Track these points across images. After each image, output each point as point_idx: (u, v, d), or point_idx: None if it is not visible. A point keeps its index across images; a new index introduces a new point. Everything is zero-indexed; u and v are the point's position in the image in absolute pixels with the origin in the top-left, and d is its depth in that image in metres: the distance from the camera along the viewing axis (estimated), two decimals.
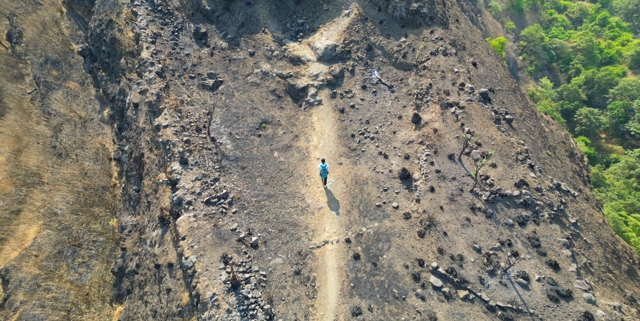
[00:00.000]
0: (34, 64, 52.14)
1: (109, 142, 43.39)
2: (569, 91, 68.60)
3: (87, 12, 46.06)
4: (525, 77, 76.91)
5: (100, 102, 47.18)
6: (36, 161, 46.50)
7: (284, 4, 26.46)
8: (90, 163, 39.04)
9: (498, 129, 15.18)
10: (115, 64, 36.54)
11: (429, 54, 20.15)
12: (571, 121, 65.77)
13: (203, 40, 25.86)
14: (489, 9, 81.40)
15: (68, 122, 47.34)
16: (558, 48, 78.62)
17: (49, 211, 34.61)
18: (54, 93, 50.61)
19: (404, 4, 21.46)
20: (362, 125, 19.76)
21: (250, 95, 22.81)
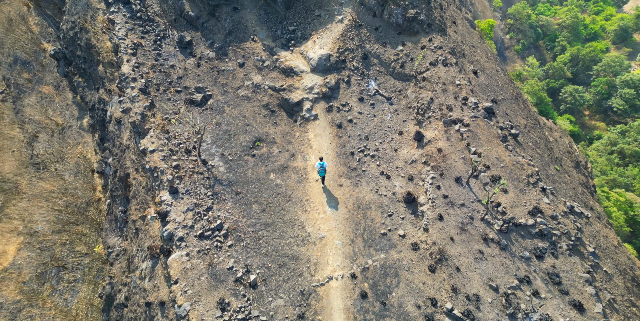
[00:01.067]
0: (2, 64, 49.37)
1: (91, 152, 41.60)
2: (555, 69, 69.48)
3: (57, 10, 43.52)
4: (512, 57, 77.17)
5: (78, 108, 45.18)
6: (12, 168, 44.38)
7: (273, 9, 25.19)
8: (71, 177, 37.32)
9: (506, 149, 14.61)
10: (92, 70, 34.65)
11: (428, 64, 19.36)
12: (557, 99, 66.89)
13: (188, 50, 24.48)
14: None
15: (44, 130, 45.19)
16: (544, 25, 79.01)
17: (29, 229, 32.97)
18: (27, 98, 48.16)
19: (400, 11, 20.52)
20: (362, 141, 18.96)
21: (242, 110, 21.69)
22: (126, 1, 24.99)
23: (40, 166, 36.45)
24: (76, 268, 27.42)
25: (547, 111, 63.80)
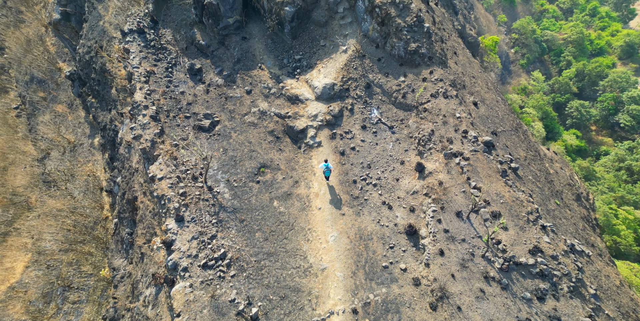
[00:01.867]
0: (19, 81, 50.69)
1: (100, 170, 42.08)
2: (560, 83, 68.70)
3: (74, 33, 45.05)
4: (517, 71, 76.41)
5: (90, 126, 46.02)
6: (24, 182, 44.90)
7: (280, 39, 25.96)
8: (80, 195, 37.69)
9: (505, 184, 14.65)
10: (106, 92, 35.58)
11: (429, 96, 19.69)
12: (562, 114, 66.13)
13: (198, 77, 25.15)
14: (481, 1, 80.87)
15: (56, 147, 45.95)
16: (549, 40, 78.41)
17: (37, 246, 33.12)
18: (41, 115, 49.24)
19: (402, 44, 21.06)
20: (364, 170, 19.10)
21: (248, 136, 22.06)
22: (141, 31, 25.93)
23: (52, 184, 36.94)
24: (81, 289, 27.30)
25: (552, 125, 62.97)
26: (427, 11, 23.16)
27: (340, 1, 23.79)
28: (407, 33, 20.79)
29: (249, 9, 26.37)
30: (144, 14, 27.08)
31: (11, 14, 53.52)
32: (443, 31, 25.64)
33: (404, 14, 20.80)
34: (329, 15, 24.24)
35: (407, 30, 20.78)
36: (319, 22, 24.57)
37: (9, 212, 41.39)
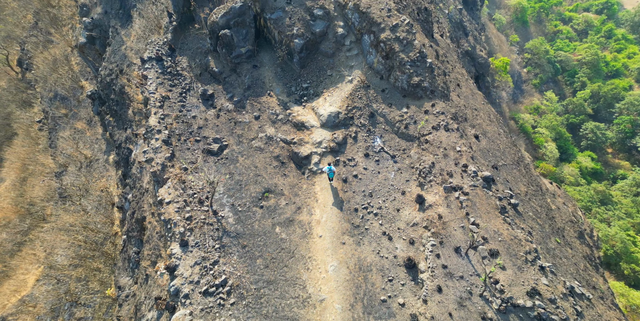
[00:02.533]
0: (43, 97, 52.66)
1: (113, 186, 42.84)
2: (575, 104, 66.53)
3: (97, 55, 47.08)
4: (529, 90, 74.49)
5: (106, 143, 47.23)
6: (41, 194, 45.88)
7: (289, 67, 26.83)
8: (92, 210, 38.31)
9: (504, 221, 14.56)
10: (123, 112, 36.79)
11: (430, 128, 19.94)
12: (577, 135, 63.91)
13: (210, 102, 25.98)
14: (493, 21, 79.01)
15: (74, 163, 47.10)
16: (563, 61, 76.16)
17: (49, 260, 33.50)
18: (62, 131, 50.79)
19: (405, 77, 21.58)
20: (365, 198, 19.18)
21: (254, 160, 22.47)
22: (159, 59, 27.12)
23: (67, 199, 37.75)
24: (88, 305, 27.33)
25: (566, 146, 60.98)
26: (430, 46, 23.81)
27: (347, 35, 24.67)
28: (410, 67, 21.35)
29: (261, 38, 27.47)
30: (162, 42, 28.39)
31: (41, 34, 56.28)
32: (447, 64, 26.21)
33: (408, 49, 21.44)
34: (336, 47, 25.09)
35: (410, 65, 21.35)
36: (326, 53, 25.41)
37: (25, 222, 42.25)
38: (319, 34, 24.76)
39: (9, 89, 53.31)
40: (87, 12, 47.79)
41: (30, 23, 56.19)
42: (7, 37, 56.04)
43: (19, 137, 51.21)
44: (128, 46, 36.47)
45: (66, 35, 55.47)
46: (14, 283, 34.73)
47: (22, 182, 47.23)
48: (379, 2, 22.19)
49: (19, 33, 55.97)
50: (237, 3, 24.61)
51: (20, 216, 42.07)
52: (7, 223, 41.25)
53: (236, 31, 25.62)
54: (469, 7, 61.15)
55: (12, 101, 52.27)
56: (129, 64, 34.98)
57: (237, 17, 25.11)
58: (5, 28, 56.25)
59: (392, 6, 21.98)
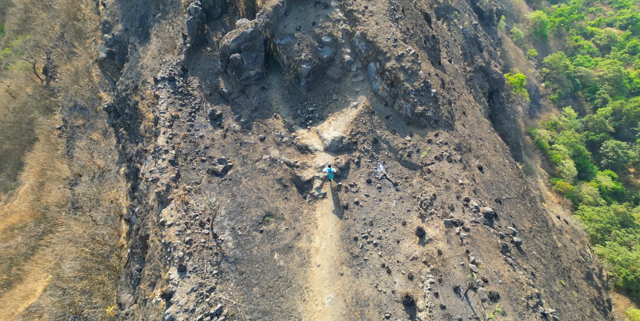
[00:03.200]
0: (64, 106, 54.04)
1: (123, 197, 43.23)
2: (595, 121, 63.36)
3: (116, 69, 48.31)
4: (547, 105, 71.29)
5: (119, 154, 47.94)
6: (56, 200, 46.53)
7: (296, 90, 27.02)
8: (101, 222, 38.60)
9: (505, 262, 14.02)
10: (135, 126, 37.40)
11: (433, 158, 19.64)
12: (597, 153, 61.13)
13: (217, 122, 26.22)
14: (510, 35, 75.73)
15: (87, 172, 47.87)
16: (583, 76, 72.53)
17: (57, 270, 33.63)
18: (78, 140, 51.88)
19: (409, 106, 21.47)
20: (366, 227, 18.80)
21: (257, 182, 22.40)
22: (171, 79, 27.65)
23: (78, 210, 38.23)
24: (90, 319, 27.14)
25: (585, 164, 58.21)
26: (435, 75, 23.76)
27: (354, 61, 24.83)
28: (414, 96, 21.25)
29: (270, 61, 27.84)
30: (176, 63, 28.99)
31: (66, 46, 58.13)
32: (452, 91, 26.06)
33: (412, 79, 21.41)
34: (342, 72, 25.24)
35: (414, 94, 21.26)
36: (333, 78, 25.56)
37: (40, 227, 42.91)
38: (326, 60, 24.98)
39: (33, 95, 55.02)
40: (108, 29, 49.37)
41: (57, 34, 58.30)
42: (35, 46, 58.10)
43: (39, 142, 52.57)
44: (144, 63, 37.40)
45: (88, 48, 57.34)
46: (24, 289, 34.89)
47: (40, 186, 48.26)
48: (385, 32, 22.36)
49: (46, 43, 58.04)
50: (249, 29, 25.10)
51: (36, 220, 42.85)
52: (23, 226, 42.02)
53: (246, 55, 26.04)
54: (484, 22, 60.19)
55: (36, 107, 53.91)
56: (143, 81, 35.80)
57: (247, 41, 25.57)
58: (34, 37, 58.35)
59: (399, 36, 22.10)
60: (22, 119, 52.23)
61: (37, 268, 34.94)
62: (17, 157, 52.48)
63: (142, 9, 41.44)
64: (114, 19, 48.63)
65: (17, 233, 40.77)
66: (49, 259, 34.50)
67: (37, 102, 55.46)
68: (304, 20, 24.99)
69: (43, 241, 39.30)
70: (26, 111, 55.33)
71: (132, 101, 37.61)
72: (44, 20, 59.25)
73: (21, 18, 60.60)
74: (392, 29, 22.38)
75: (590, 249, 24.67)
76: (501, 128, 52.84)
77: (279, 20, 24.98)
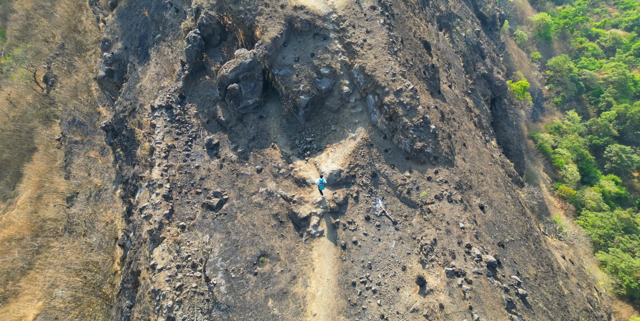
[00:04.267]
0: (62, 120, 53.53)
1: (119, 219, 42.30)
2: (599, 125, 61.58)
3: (115, 88, 47.91)
4: (550, 108, 69.27)
5: (116, 172, 47.20)
6: (52, 215, 45.56)
7: (295, 119, 26.47)
8: (95, 245, 37.57)
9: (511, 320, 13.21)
10: (132, 148, 36.69)
11: (433, 197, 18.94)
12: (600, 157, 59.55)
13: (214, 151, 25.56)
14: (514, 37, 73.65)
15: (84, 191, 47.06)
16: (587, 79, 70.28)
17: (48, 299, 32.49)
18: (76, 158, 51.27)
19: (408, 142, 20.89)
20: (364, 270, 17.95)
21: (253, 218, 21.61)
22: (169, 107, 27.12)
23: (72, 234, 37.33)
24: None
25: (589, 169, 56.64)
26: (435, 107, 23.28)
27: (352, 92, 24.37)
28: (413, 132, 20.70)
29: (269, 89, 27.39)
30: (174, 90, 28.52)
31: (66, 59, 57.67)
32: (452, 122, 25.55)
33: (411, 114, 20.90)
34: (341, 103, 24.76)
35: (413, 130, 20.71)
36: (331, 109, 25.05)
37: (37, 240, 41.96)
38: (325, 91, 24.53)
39: (34, 104, 54.51)
40: (108, 47, 49.08)
41: (58, 44, 57.92)
42: (36, 55, 57.64)
43: (39, 152, 51.85)
44: (142, 85, 36.98)
45: (88, 61, 56.97)
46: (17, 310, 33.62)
47: (38, 199, 47.44)
48: (384, 66, 21.96)
49: (47, 51, 57.57)
50: (247, 59, 24.71)
51: (33, 233, 42.02)
52: (20, 238, 41.22)
53: (244, 84, 25.59)
54: (487, 28, 59.53)
55: (36, 116, 53.32)
56: (140, 105, 35.31)
57: (246, 71, 25.15)
58: (35, 46, 57.91)
59: (397, 71, 21.70)
60: (22, 128, 51.73)
61: (28, 296, 33.76)
62: (16, 166, 51.81)
63: (142, 28, 41.23)
64: (114, 37, 48.41)
65: (15, 245, 40.09)
66: (40, 287, 33.36)
67: (37, 111, 54.91)
68: (302, 52, 24.64)
69: (38, 262, 38.32)
70: (26, 119, 54.85)
71: (130, 123, 37.07)
72: (45, 28, 59.02)
73: (23, 24, 60.36)
74: (390, 62, 21.99)
75: (598, 292, 23.84)
76: (503, 135, 52.09)
77: (278, 52, 24.63)
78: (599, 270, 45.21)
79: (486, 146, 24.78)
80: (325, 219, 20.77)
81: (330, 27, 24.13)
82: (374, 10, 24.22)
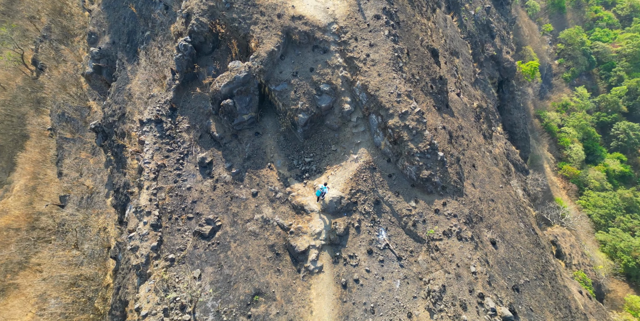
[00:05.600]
0: (52, 112, 51.58)
1: (111, 225, 41.01)
2: (608, 101, 58.63)
3: (105, 84, 45.60)
4: (559, 85, 65.93)
5: (108, 176, 45.57)
6: (46, 210, 44.48)
7: (293, 136, 24.56)
8: (87, 256, 36.32)
9: None
10: (122, 155, 34.87)
11: (441, 233, 17.39)
12: (607, 135, 57.50)
13: (207, 170, 23.77)
14: (525, 8, 69.18)
15: (75, 193, 45.62)
16: (600, 52, 66.20)
17: (38, 312, 31.43)
18: (67, 156, 49.68)
19: (414, 169, 19.13)
20: (366, 314, 16.57)
21: (247, 249, 20.09)
22: (159, 121, 25.09)
23: (64, 243, 36.00)
24: None
25: (594, 147, 54.60)
26: (443, 127, 21.39)
27: (354, 111, 22.39)
28: (419, 159, 18.91)
29: (266, 102, 25.34)
30: (164, 101, 26.40)
31: (53, 45, 54.60)
32: (462, 139, 23.72)
33: (417, 139, 19.04)
34: (342, 122, 22.80)
35: (419, 157, 18.92)
36: (332, 127, 23.11)
37: (33, 234, 41.02)
38: (325, 108, 22.52)
39: (24, 87, 52.29)
40: (95, 40, 46.03)
41: (44, 25, 54.63)
42: (22, 35, 54.50)
43: (31, 141, 50.14)
44: (132, 88, 34.66)
45: (76, 49, 53.92)
46: None
47: (33, 190, 46.34)
48: (388, 85, 19.91)
49: (34, 32, 54.36)
50: (242, 73, 22.53)
51: (29, 226, 41.31)
52: (17, 229, 40.63)
53: (239, 99, 23.50)
54: (498, 3, 55.67)
55: (27, 101, 51.13)
56: (130, 111, 33.22)
57: (240, 86, 23.01)
58: (20, 24, 54.62)
59: (403, 91, 19.67)
60: (14, 113, 49.83)
61: (19, 310, 32.65)
62: (10, 152, 50.43)
63: (130, 23, 38.33)
64: (101, 29, 45.14)
65: (13, 235, 39.62)
66: (30, 302, 32.19)
67: (27, 95, 52.62)
68: (301, 66, 22.46)
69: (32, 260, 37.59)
70: (17, 104, 52.75)
71: (119, 129, 35.06)
72: (30, 4, 55.59)
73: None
74: (395, 81, 19.93)
75: None
76: (510, 119, 50.39)
77: (274, 65, 22.44)
78: (598, 251, 44.84)
79: (497, 166, 23.04)
80: (325, 252, 19.26)
81: (331, 39, 21.86)
82: (378, 20, 21.90)
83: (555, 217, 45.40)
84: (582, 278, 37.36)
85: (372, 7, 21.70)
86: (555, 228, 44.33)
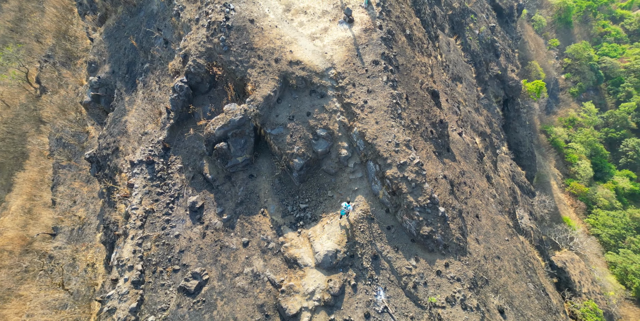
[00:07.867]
0: (51, 136, 51.71)
1: (99, 262, 39.80)
2: (616, 117, 57.68)
3: (102, 112, 45.54)
4: (566, 99, 65.10)
5: (101, 207, 44.81)
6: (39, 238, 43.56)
7: (288, 179, 23.79)
8: (73, 294, 34.82)
9: None
10: (114, 190, 34.06)
11: (444, 300, 16.14)
12: (616, 151, 56.25)
13: (198, 215, 22.85)
14: (531, 23, 68.76)
15: (66, 224, 44.76)
16: (607, 68, 65.41)
17: None
18: (62, 184, 49.34)
19: (414, 224, 18.16)
20: None
21: (235, 308, 18.78)
22: (150, 162, 24.48)
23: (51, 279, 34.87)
24: None
25: (602, 164, 53.26)
26: (443, 177, 20.58)
27: (351, 156, 21.73)
28: (419, 214, 17.97)
29: (262, 143, 24.81)
30: (157, 140, 25.92)
31: (55, 69, 55.49)
32: (464, 186, 22.87)
33: (417, 192, 18.20)
34: (339, 167, 22.10)
35: (419, 211, 17.99)
36: (328, 171, 22.38)
37: (24, 260, 40.10)
38: (321, 153, 21.89)
39: (27, 104, 52.69)
40: (95, 69, 46.52)
41: (48, 45, 55.62)
42: (28, 54, 55.40)
43: (30, 160, 49.94)
44: (128, 120, 34.46)
45: (78, 71, 54.72)
46: None
47: (29, 213, 45.93)
48: (386, 134, 19.33)
49: (39, 51, 55.25)
50: (237, 116, 22.14)
51: (22, 249, 40.57)
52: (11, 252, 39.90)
53: (234, 141, 22.97)
54: (503, 20, 55.41)
55: (29, 119, 51.34)
56: (124, 145, 32.85)
57: (235, 129, 22.55)
58: (26, 44, 55.56)
59: (401, 140, 19.06)
60: (15, 131, 50.12)
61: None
62: (10, 169, 50.15)
63: (130, 54, 38.73)
64: (101, 58, 45.76)
65: (6, 258, 37.61)
66: None
67: (29, 113, 53.04)
68: (297, 109, 22.08)
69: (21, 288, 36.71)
70: (19, 122, 53.21)
71: (112, 163, 34.55)
72: (37, 23, 56.99)
73: (16, 17, 58.53)
74: (393, 130, 19.38)
75: None
76: (515, 137, 49.41)
77: (271, 109, 22.08)
78: (608, 274, 42.57)
79: (502, 215, 22.00)
80: (318, 314, 17.93)
81: (329, 84, 21.60)
82: (376, 65, 21.72)
83: (563, 240, 43.74)
84: (593, 308, 35.28)
85: (370, 52, 21.58)
86: (563, 252, 42.50)
